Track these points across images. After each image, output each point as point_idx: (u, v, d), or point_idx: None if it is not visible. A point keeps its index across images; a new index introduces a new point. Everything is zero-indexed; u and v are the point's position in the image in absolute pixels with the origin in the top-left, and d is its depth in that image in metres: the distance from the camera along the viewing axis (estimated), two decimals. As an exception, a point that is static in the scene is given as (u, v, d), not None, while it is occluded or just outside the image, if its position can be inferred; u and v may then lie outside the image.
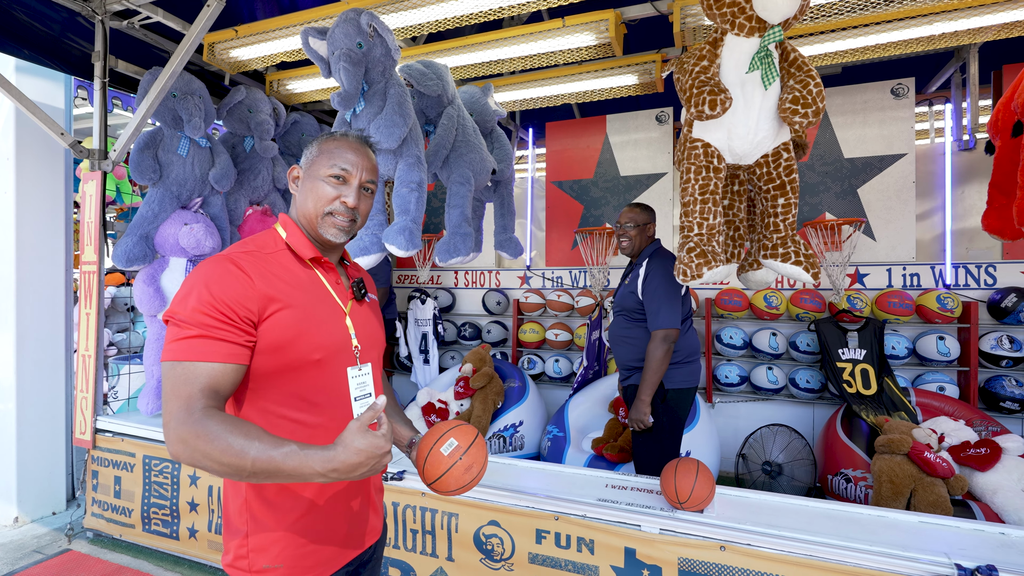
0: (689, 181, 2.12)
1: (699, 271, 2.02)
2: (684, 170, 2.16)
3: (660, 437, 2.51)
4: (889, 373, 3.50)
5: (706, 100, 1.98)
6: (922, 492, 2.72)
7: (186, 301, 0.98)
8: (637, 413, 2.42)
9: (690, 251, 2.05)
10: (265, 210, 3.79)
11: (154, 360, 3.14)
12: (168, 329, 1.00)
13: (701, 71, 2.05)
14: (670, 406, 2.50)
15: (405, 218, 2.62)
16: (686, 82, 2.06)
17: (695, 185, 2.10)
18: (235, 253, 1.07)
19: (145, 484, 2.88)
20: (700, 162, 2.11)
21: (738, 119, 2.06)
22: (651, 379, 2.39)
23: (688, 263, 2.04)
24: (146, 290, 3.12)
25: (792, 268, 2.18)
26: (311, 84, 3.96)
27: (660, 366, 2.38)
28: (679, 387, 2.52)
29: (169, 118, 3.23)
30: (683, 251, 2.09)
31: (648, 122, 4.56)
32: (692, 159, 2.12)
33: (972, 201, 3.75)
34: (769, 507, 1.96)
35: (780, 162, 2.25)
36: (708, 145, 2.12)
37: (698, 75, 2.04)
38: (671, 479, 1.90)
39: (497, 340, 4.89)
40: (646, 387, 2.40)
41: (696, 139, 2.14)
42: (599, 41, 3.17)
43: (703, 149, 2.11)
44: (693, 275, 2.02)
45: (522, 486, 2.14)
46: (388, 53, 2.72)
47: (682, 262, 2.07)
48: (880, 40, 3.38)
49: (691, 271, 2.03)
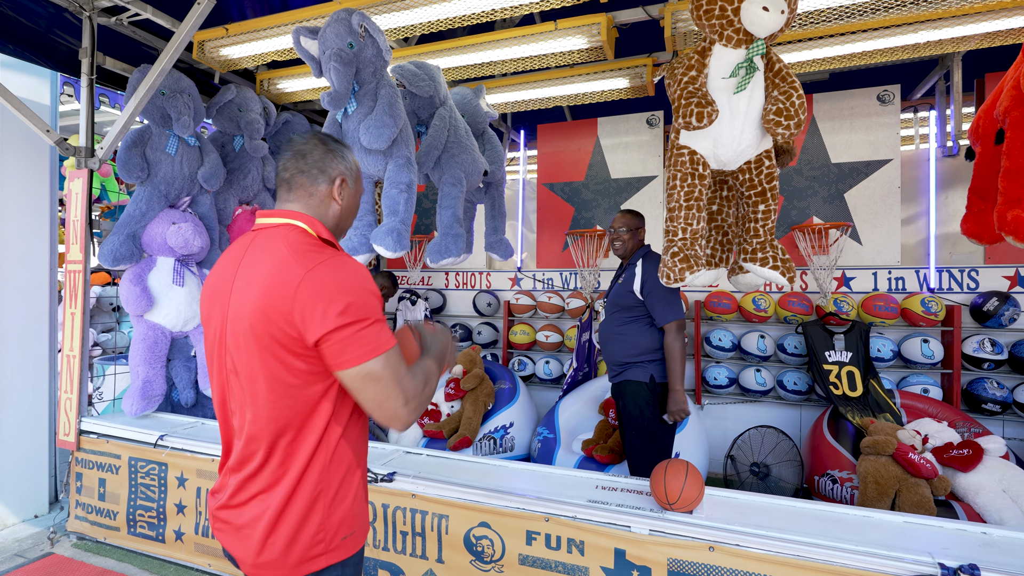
0: (675, 187, 2.15)
1: (681, 275, 2.05)
2: (670, 176, 2.20)
3: (651, 430, 2.58)
4: (875, 375, 3.55)
5: (693, 112, 2.01)
6: (906, 493, 2.76)
7: (367, 300, 1.07)
8: (675, 405, 2.51)
9: (674, 255, 2.08)
10: (254, 210, 3.76)
11: (139, 360, 3.10)
12: (361, 328, 1.05)
13: (689, 81, 2.08)
14: (660, 397, 2.58)
15: (394, 219, 2.61)
16: (675, 92, 2.09)
17: (680, 191, 2.13)
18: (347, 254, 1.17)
19: (131, 486, 2.84)
20: (686, 169, 2.14)
21: (723, 128, 2.10)
22: (678, 369, 2.52)
23: (672, 267, 2.08)
24: (132, 290, 3.08)
25: (770, 272, 2.24)
26: (302, 83, 3.94)
27: (682, 355, 2.51)
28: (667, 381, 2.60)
29: (158, 116, 3.20)
30: (667, 255, 2.13)
31: (639, 125, 4.59)
32: (678, 166, 2.16)
33: (956, 206, 3.81)
34: (757, 508, 1.97)
35: (762, 169, 2.29)
36: (694, 152, 2.15)
37: (686, 85, 2.07)
38: (661, 480, 1.92)
39: (488, 341, 4.89)
40: (676, 379, 2.52)
41: (683, 146, 2.17)
42: (591, 45, 3.19)
43: (689, 156, 2.15)
44: (676, 279, 2.06)
45: (512, 487, 2.14)
46: (379, 54, 2.72)
47: (665, 265, 2.12)
48: (867, 47, 3.43)
49: (674, 275, 2.07)
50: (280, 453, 1.10)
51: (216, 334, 1.16)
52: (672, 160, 2.19)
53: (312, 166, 1.20)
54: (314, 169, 1.20)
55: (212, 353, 1.18)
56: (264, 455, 1.11)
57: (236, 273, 1.14)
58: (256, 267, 1.10)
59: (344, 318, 1.03)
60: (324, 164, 1.20)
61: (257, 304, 1.06)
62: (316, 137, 1.23)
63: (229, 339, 1.12)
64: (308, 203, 1.20)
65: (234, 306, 1.11)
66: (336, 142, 1.25)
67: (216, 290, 1.18)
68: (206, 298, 1.21)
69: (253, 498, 1.12)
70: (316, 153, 1.20)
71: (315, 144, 1.21)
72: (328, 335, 1.03)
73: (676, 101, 2.08)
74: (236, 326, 1.10)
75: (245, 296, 1.09)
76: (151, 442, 2.80)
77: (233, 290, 1.12)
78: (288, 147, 1.22)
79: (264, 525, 1.09)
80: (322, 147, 1.21)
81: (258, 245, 1.15)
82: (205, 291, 1.22)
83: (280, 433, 1.09)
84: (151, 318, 3.18)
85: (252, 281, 1.09)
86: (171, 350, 3.36)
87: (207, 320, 1.20)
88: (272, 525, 1.09)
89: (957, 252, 3.81)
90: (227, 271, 1.17)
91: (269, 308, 1.04)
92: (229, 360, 1.13)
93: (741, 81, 2.04)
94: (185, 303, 3.24)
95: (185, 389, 3.39)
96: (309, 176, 1.19)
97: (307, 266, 1.05)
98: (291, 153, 1.21)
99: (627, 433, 2.71)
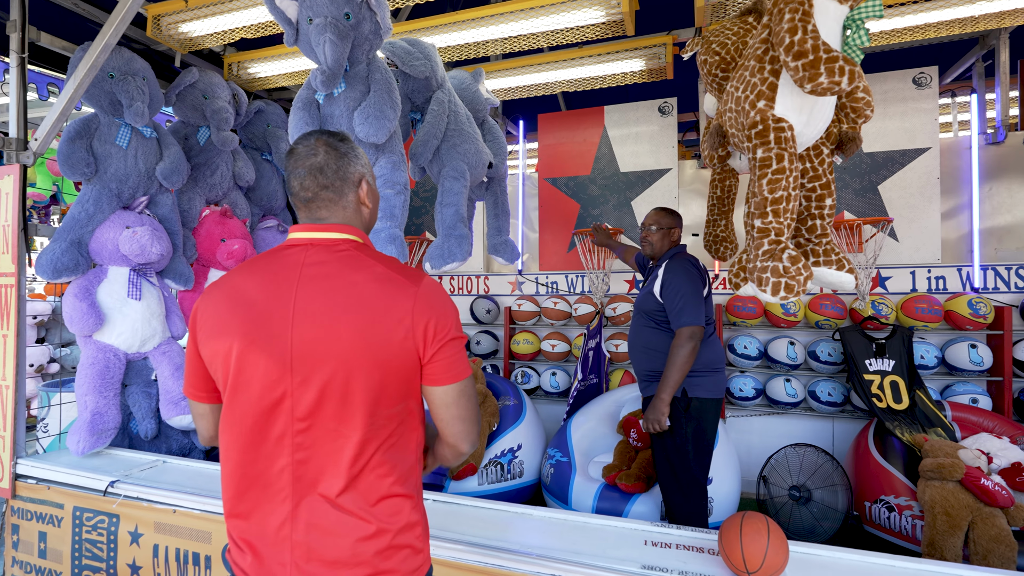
0: (783, 171, 1.68)
1: (805, 285, 1.63)
2: (771, 157, 1.70)
3: (684, 451, 2.34)
4: (921, 385, 3.22)
5: (845, 70, 1.50)
6: (982, 525, 2.42)
7: (457, 319, 1.09)
8: (654, 413, 2.31)
9: (794, 260, 1.64)
10: (225, 211, 3.30)
11: (88, 389, 2.63)
12: (463, 343, 1.10)
13: (816, 30, 1.61)
14: (694, 416, 2.35)
15: (391, 224, 2.19)
16: (804, 41, 1.56)
17: (790, 176, 1.68)
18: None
19: (75, 542, 2.38)
20: (791, 148, 1.69)
21: (827, 101, 1.69)
22: (673, 377, 2.27)
23: (796, 275, 1.63)
24: (78, 306, 2.61)
25: (847, 277, 1.88)
26: (277, 67, 3.49)
27: (684, 364, 2.29)
28: (704, 397, 2.38)
29: (106, 102, 2.73)
30: (782, 261, 1.66)
31: (650, 113, 4.21)
32: (783, 143, 1.68)
33: (1001, 198, 3.50)
34: (853, 569, 1.60)
35: (823, 157, 1.95)
36: (792, 128, 1.73)
37: (816, 33, 1.60)
38: (736, 541, 1.53)
39: (487, 352, 4.48)
40: (667, 386, 2.29)
41: (782, 119, 1.72)
42: (609, 18, 2.80)
43: (791, 132, 1.71)
44: (800, 289, 1.63)
45: (544, 546, 1.74)
46: (377, 31, 2.29)
47: (784, 275, 1.64)
48: (901, 24, 3.10)
49: (798, 285, 1.63)
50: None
51: (271, 364, 1.01)
52: (770, 137, 1.70)
53: (333, 179, 1.11)
54: (337, 181, 1.12)
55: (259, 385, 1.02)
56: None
57: (295, 294, 1.03)
58: (343, 286, 1.03)
59: (456, 331, 1.07)
60: (345, 172, 1.13)
61: (363, 324, 1.00)
62: (321, 142, 1.12)
63: (300, 366, 1.00)
64: (344, 215, 1.14)
65: (314, 330, 1.00)
66: (342, 140, 1.15)
67: (261, 315, 1.03)
68: (234, 326, 1.03)
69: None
70: (332, 164, 1.11)
71: (326, 152, 1.11)
72: (442, 349, 1.04)
73: (808, 53, 1.53)
74: (320, 350, 1.00)
75: (335, 319, 1.00)
76: (100, 489, 2.34)
77: (298, 311, 1.02)
78: (294, 163, 1.12)
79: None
80: (334, 153, 1.12)
81: (326, 263, 1.06)
82: (227, 317, 1.05)
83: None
84: (101, 338, 2.71)
85: (342, 302, 1.01)
86: (127, 374, 2.89)
87: (244, 350, 1.02)
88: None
89: (1003, 248, 3.50)
90: (274, 291, 1.04)
91: (378, 326, 1.00)
92: (294, 391, 1.01)
93: (852, 51, 1.62)
94: (143, 319, 2.78)
95: (145, 419, 2.92)
96: (334, 190, 1.12)
97: (416, 282, 1.05)
98: (304, 171, 1.10)
99: (657, 454, 2.46)
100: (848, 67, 1.53)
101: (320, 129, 1.08)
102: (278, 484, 1.03)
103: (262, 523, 1.04)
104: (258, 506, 1.04)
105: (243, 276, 1.08)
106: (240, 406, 1.04)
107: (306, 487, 1.02)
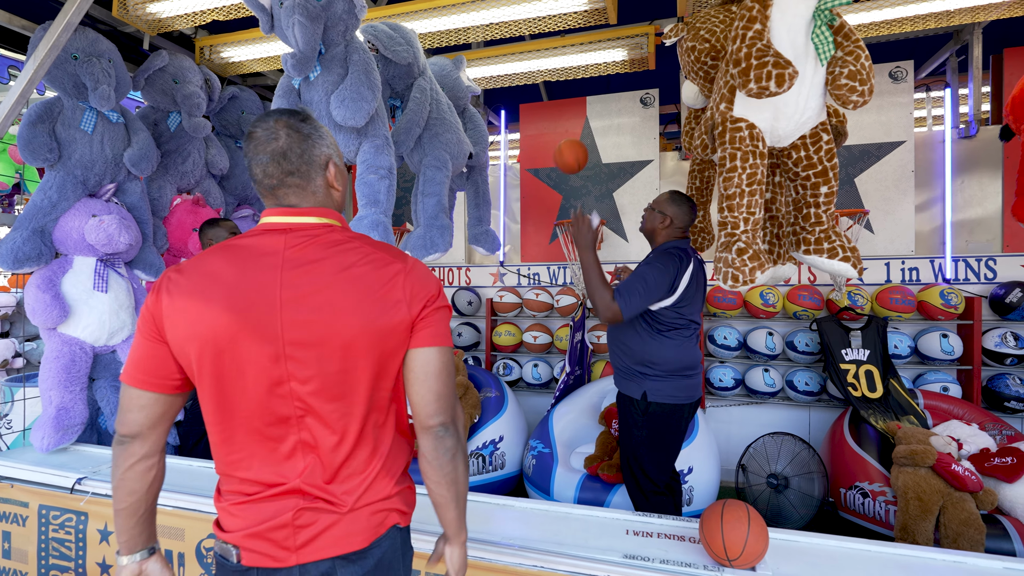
0: (735, 169, 1.72)
1: (752, 275, 1.65)
2: (725, 157, 1.76)
3: (639, 453, 2.29)
4: (894, 374, 3.28)
5: (772, 75, 1.57)
6: (952, 509, 2.48)
7: (443, 291, 1.10)
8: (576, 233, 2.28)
9: (741, 252, 1.67)
10: (197, 199, 3.21)
11: (52, 383, 2.53)
12: (448, 315, 1.11)
13: (755, 36, 1.65)
14: (652, 420, 2.26)
15: (375, 211, 2.14)
16: (740, 50, 1.65)
17: (742, 174, 1.71)
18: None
19: (41, 541, 2.29)
20: (746, 146, 1.72)
21: (789, 96, 1.70)
22: (592, 279, 2.21)
23: (740, 267, 1.66)
24: (41, 297, 2.51)
25: (840, 265, 1.88)
26: (251, 51, 3.39)
27: (594, 290, 2.18)
28: (664, 402, 2.24)
29: (69, 85, 2.61)
30: (731, 252, 1.70)
31: (632, 105, 4.21)
32: (737, 143, 1.73)
33: (972, 192, 3.58)
34: (829, 554, 1.62)
35: (820, 145, 1.94)
36: (753, 126, 1.74)
37: (753, 41, 1.64)
38: (717, 529, 1.54)
39: (469, 344, 4.46)
40: (586, 270, 2.23)
41: (739, 119, 1.75)
42: (592, 6, 2.77)
43: (748, 131, 1.73)
44: (746, 280, 1.65)
45: (525, 537, 1.73)
46: (351, 10, 2.23)
47: (731, 265, 1.69)
48: (878, 18, 3.13)
49: (743, 275, 1.66)
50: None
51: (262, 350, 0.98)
52: (728, 137, 1.76)
53: (299, 164, 1.05)
54: (303, 166, 1.05)
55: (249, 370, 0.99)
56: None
57: (280, 278, 0.99)
58: (334, 269, 1.01)
59: (443, 301, 1.09)
60: (310, 156, 1.06)
61: (362, 306, 1.00)
62: (282, 123, 1.03)
63: (294, 351, 0.98)
64: (315, 200, 1.09)
65: (308, 313, 0.98)
66: (303, 120, 1.06)
67: (243, 299, 0.98)
68: (215, 312, 0.98)
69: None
70: (296, 147, 1.04)
71: (288, 135, 1.03)
72: (432, 314, 1.05)
73: (744, 62, 1.64)
74: (315, 333, 0.98)
75: (330, 301, 0.99)
76: (67, 486, 2.26)
77: (286, 295, 0.99)
78: (254, 148, 1.04)
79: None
80: (297, 135, 1.04)
81: (309, 246, 1.03)
82: (204, 302, 0.99)
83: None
84: (66, 331, 2.61)
85: (337, 284, 1.00)
86: (95, 368, 2.80)
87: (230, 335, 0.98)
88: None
89: (973, 240, 3.58)
90: (255, 276, 0.99)
91: (377, 307, 1.00)
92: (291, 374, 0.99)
93: (821, 42, 1.64)
94: (110, 311, 2.68)
95: (113, 415, 2.83)
96: (300, 175, 1.06)
97: (404, 260, 1.06)
98: (266, 157, 1.03)
99: (621, 452, 2.43)
100: (777, 71, 1.59)
101: (279, 108, 1.03)
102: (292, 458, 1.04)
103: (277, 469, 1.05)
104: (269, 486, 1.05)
105: (216, 259, 1.02)
106: (233, 393, 1.00)
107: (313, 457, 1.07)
